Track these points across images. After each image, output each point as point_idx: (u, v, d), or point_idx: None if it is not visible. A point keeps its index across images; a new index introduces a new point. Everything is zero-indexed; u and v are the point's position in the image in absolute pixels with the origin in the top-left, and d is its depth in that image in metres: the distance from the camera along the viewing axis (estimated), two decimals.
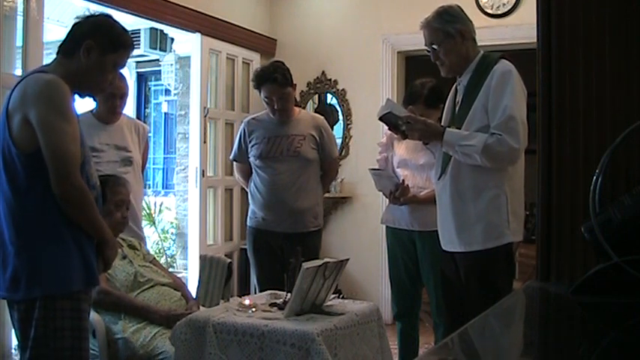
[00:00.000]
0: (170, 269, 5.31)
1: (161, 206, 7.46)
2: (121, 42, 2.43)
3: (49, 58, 2.45)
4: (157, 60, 8.82)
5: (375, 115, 3.08)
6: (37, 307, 2.24)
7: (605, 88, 1.75)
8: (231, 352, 2.67)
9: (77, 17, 2.45)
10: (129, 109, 5.36)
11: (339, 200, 5.83)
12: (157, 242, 6.95)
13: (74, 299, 2.28)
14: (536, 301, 1.75)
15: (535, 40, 1.84)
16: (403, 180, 3.56)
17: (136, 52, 8.24)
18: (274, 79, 3.75)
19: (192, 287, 3.89)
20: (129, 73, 9.66)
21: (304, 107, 5.76)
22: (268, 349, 2.62)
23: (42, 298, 2.24)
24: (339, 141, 5.60)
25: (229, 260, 3.81)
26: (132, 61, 9.65)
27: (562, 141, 1.78)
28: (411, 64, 5.81)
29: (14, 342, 3.59)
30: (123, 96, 3.70)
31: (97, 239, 2.36)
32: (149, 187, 9.79)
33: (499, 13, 5.27)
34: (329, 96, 6.04)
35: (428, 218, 3.39)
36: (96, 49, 2.35)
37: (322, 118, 4.11)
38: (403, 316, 3.71)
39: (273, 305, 2.93)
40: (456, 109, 2.92)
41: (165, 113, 10.76)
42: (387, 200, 3.69)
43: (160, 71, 8.91)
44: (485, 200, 2.77)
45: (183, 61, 6.54)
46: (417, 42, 3.25)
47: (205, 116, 5.31)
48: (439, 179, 2.92)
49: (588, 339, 1.41)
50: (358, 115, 5.84)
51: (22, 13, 3.74)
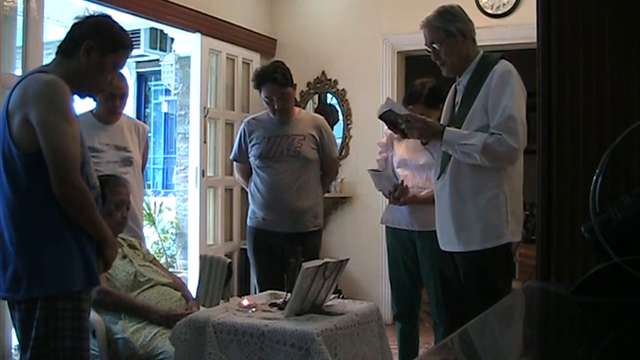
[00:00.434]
0: (170, 269, 5.30)
1: (161, 206, 7.46)
2: (121, 42, 2.43)
3: (49, 58, 2.46)
4: (157, 60, 8.83)
5: (375, 115, 3.08)
6: (38, 308, 2.24)
7: (605, 88, 1.75)
8: (231, 352, 2.67)
9: (76, 17, 2.46)
10: (129, 109, 5.36)
11: (339, 200, 5.83)
12: (156, 242, 6.95)
13: (75, 299, 2.29)
14: (536, 301, 1.75)
15: (535, 40, 1.84)
16: (402, 181, 3.57)
17: (136, 52, 8.24)
18: (274, 78, 3.75)
19: (192, 287, 3.89)
20: (129, 73, 9.66)
21: (304, 107, 5.76)
22: (268, 349, 2.62)
23: (43, 299, 2.24)
24: (339, 141, 5.60)
25: (229, 260, 3.80)
26: (132, 61, 9.64)
27: (562, 141, 1.78)
28: (411, 64, 5.81)
29: (14, 342, 3.59)
30: (123, 96, 3.70)
31: (97, 239, 2.36)
32: (149, 187, 9.79)
33: (499, 13, 5.27)
34: (329, 96, 6.03)
35: (428, 218, 3.39)
36: (95, 50, 2.36)
37: (322, 118, 4.11)
38: (403, 316, 3.71)
39: (273, 305, 2.93)
40: (456, 109, 2.92)
41: (165, 113, 10.76)
42: (387, 200, 3.69)
43: (160, 71, 8.91)
44: (484, 200, 2.77)
45: (183, 61, 6.53)
46: (417, 42, 3.25)
47: (205, 116, 5.31)
48: (438, 179, 2.92)
49: (588, 339, 1.41)
50: (358, 115, 5.84)
51: (22, 13, 3.74)
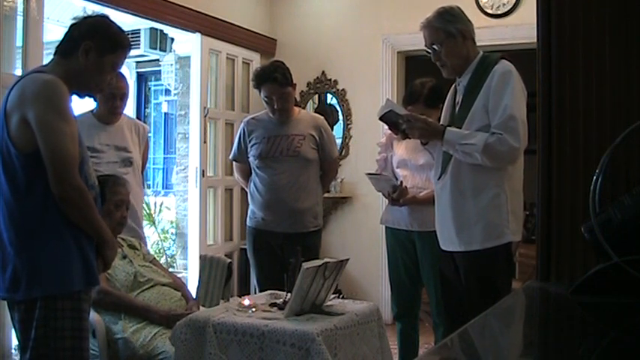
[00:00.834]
0: (170, 269, 5.30)
1: (161, 206, 7.46)
2: (119, 43, 2.43)
3: (49, 58, 2.45)
4: (157, 60, 8.82)
5: (375, 115, 3.08)
6: (37, 308, 2.24)
7: (605, 88, 1.75)
8: (231, 352, 2.67)
9: (74, 18, 2.45)
10: (129, 109, 5.36)
11: (339, 200, 5.83)
12: (156, 242, 6.95)
13: (74, 299, 2.29)
14: (536, 301, 1.75)
15: (535, 40, 1.84)
16: (401, 181, 3.56)
17: (136, 52, 8.25)
18: (274, 78, 3.75)
19: (192, 287, 3.89)
20: (129, 73, 9.66)
21: (304, 107, 5.76)
22: (268, 349, 2.62)
23: (42, 299, 2.24)
24: (339, 141, 5.60)
25: (229, 260, 3.80)
26: (132, 61, 9.64)
27: (562, 141, 1.78)
28: (411, 64, 5.81)
29: (14, 342, 3.59)
30: (123, 96, 3.70)
31: (96, 239, 2.36)
32: (149, 187, 9.79)
33: (499, 13, 5.27)
34: (329, 96, 6.03)
35: (427, 218, 3.39)
36: (94, 50, 2.36)
37: (322, 118, 4.10)
38: (403, 317, 3.71)
39: (273, 305, 2.93)
40: (456, 109, 2.92)
41: (165, 113, 10.76)
42: (387, 200, 3.69)
43: (160, 71, 8.91)
44: (485, 200, 2.77)
45: (183, 61, 6.53)
46: (417, 42, 3.25)
47: (205, 116, 5.31)
48: (439, 179, 2.92)
49: (588, 339, 1.41)
50: (358, 115, 5.84)
51: (22, 13, 3.74)
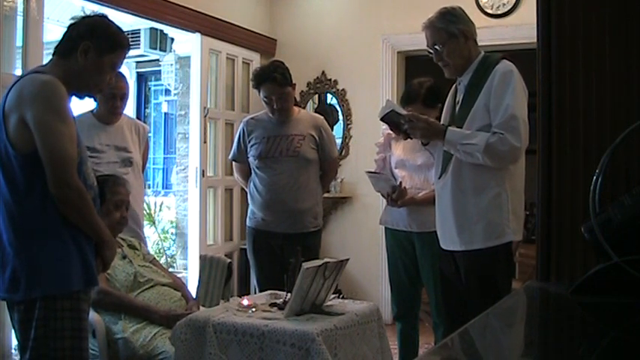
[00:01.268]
0: (170, 269, 5.30)
1: (161, 206, 7.46)
2: (118, 42, 2.42)
3: (49, 58, 2.45)
4: (157, 60, 8.83)
5: (375, 115, 3.07)
6: (37, 308, 2.23)
7: (605, 88, 1.75)
8: (231, 352, 2.67)
9: (73, 17, 2.44)
10: (129, 109, 5.35)
11: (339, 200, 5.83)
12: (156, 242, 6.95)
13: (74, 299, 2.28)
14: (536, 301, 1.75)
15: (535, 40, 1.84)
16: (400, 182, 3.56)
17: (136, 52, 8.25)
18: (273, 78, 3.75)
19: (192, 287, 3.89)
20: (129, 73, 9.66)
21: (304, 107, 5.75)
22: (268, 349, 2.62)
23: (42, 299, 2.24)
24: (339, 141, 5.60)
25: (229, 260, 3.80)
26: (132, 61, 9.64)
27: (562, 141, 1.78)
28: (411, 64, 5.81)
29: (14, 342, 3.59)
30: (123, 96, 3.70)
31: (95, 240, 2.36)
32: (149, 187, 9.79)
33: (499, 13, 5.27)
34: (329, 96, 6.03)
35: (426, 219, 3.39)
36: (93, 51, 2.35)
37: (322, 117, 4.10)
38: (403, 317, 3.70)
39: (273, 305, 2.93)
40: (457, 108, 2.92)
41: (165, 113, 10.77)
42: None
43: (160, 71, 8.91)
44: (486, 199, 2.77)
45: (183, 61, 6.53)
46: (417, 42, 3.26)
47: (205, 116, 5.31)
48: (439, 178, 2.92)
49: (588, 339, 1.41)
50: (358, 115, 5.84)
51: (22, 13, 3.74)
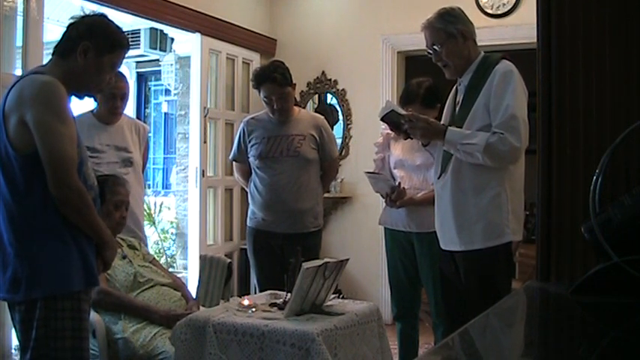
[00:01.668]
0: (170, 269, 5.31)
1: (161, 206, 7.46)
2: (117, 42, 2.42)
3: (49, 58, 2.45)
4: (157, 60, 8.82)
5: (375, 115, 3.08)
6: (37, 308, 2.23)
7: (605, 88, 1.75)
8: (231, 352, 2.67)
9: (72, 17, 2.44)
10: (129, 109, 5.35)
11: (339, 200, 5.83)
12: (156, 242, 6.95)
13: (74, 299, 2.28)
14: (536, 301, 1.75)
15: (535, 40, 1.84)
16: (399, 183, 3.56)
17: (136, 52, 8.25)
18: (273, 78, 3.75)
19: (192, 287, 3.89)
20: (129, 73, 9.65)
21: (304, 107, 5.75)
22: (268, 349, 2.62)
23: (42, 299, 2.24)
24: (339, 141, 5.59)
25: (229, 260, 3.80)
26: (132, 61, 9.64)
27: (562, 141, 1.78)
28: (411, 64, 5.81)
29: (14, 342, 3.59)
30: (124, 96, 3.69)
31: (95, 240, 2.36)
32: (149, 187, 9.79)
33: (499, 13, 5.27)
34: (329, 96, 6.03)
35: (425, 220, 3.39)
36: (92, 51, 2.35)
37: (322, 117, 4.10)
38: (403, 317, 3.70)
39: (273, 305, 2.93)
40: (457, 109, 2.92)
41: (165, 113, 10.76)
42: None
43: (160, 71, 8.91)
44: (486, 199, 2.77)
45: (183, 61, 6.53)
46: (417, 42, 3.26)
47: (205, 116, 5.31)
48: (439, 178, 2.92)
49: (588, 339, 1.41)
50: (358, 115, 5.84)
51: (22, 13, 3.74)
